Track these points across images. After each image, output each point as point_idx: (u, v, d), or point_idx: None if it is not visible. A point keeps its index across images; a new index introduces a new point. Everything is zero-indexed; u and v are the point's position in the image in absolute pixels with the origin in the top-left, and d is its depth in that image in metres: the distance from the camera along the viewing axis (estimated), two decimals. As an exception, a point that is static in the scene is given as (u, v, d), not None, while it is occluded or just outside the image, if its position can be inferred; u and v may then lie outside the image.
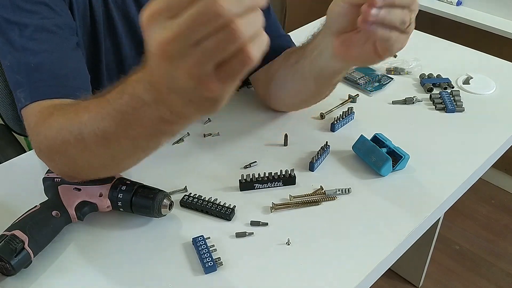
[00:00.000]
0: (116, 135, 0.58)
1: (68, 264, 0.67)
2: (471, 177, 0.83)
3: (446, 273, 1.75)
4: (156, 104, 0.51)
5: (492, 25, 1.76)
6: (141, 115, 0.53)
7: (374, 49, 0.67)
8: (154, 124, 0.54)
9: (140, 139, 0.58)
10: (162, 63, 0.44)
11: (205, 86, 0.44)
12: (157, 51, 0.43)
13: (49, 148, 0.66)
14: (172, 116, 0.52)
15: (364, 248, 0.69)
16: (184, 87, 0.45)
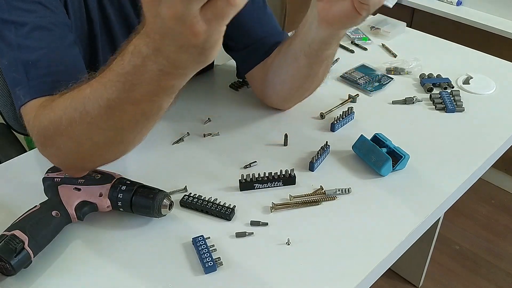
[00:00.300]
0: (119, 102, 0.59)
1: (68, 264, 0.67)
2: (471, 177, 0.83)
3: (446, 273, 1.75)
4: (154, 54, 0.53)
5: (492, 25, 1.76)
6: (142, 71, 0.55)
7: (352, 5, 0.70)
8: (155, 80, 0.55)
9: (143, 103, 0.59)
10: (151, 6, 0.47)
11: (190, 28, 0.46)
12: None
13: (54, 131, 0.66)
14: (169, 67, 0.53)
15: (364, 248, 0.69)
16: (172, 29, 0.47)
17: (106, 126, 0.63)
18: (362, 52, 1.18)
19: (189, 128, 0.91)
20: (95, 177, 0.72)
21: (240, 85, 1.04)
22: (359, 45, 1.20)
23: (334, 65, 1.11)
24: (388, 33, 1.23)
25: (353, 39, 1.21)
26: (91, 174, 0.72)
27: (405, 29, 1.27)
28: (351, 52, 1.17)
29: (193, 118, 0.95)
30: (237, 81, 1.05)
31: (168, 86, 0.57)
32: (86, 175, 0.72)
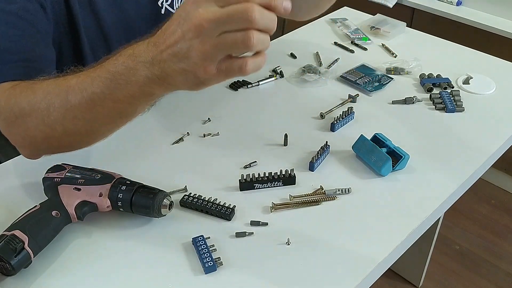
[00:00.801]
0: (102, 97, 0.64)
1: (68, 264, 0.67)
2: (471, 177, 0.83)
3: (446, 273, 1.75)
4: (151, 63, 0.59)
5: (492, 25, 1.76)
6: (132, 73, 0.60)
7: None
8: (140, 85, 0.61)
9: (122, 103, 0.64)
10: (190, 32, 0.54)
11: (205, 66, 0.55)
12: (196, 21, 0.53)
13: (29, 112, 0.69)
14: (160, 78, 0.59)
15: (364, 248, 0.69)
16: (189, 57, 0.55)
17: (82, 117, 0.67)
18: (362, 52, 1.18)
19: (189, 128, 0.91)
20: (95, 177, 0.72)
21: (240, 85, 1.04)
22: (359, 45, 1.20)
23: (334, 65, 1.11)
24: (388, 33, 1.23)
25: (353, 39, 1.21)
26: (91, 174, 0.72)
27: (405, 29, 1.27)
28: (351, 52, 1.17)
29: (193, 118, 0.94)
30: (237, 81, 1.05)
31: (150, 93, 0.62)
32: (86, 175, 0.72)
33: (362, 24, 1.28)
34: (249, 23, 0.52)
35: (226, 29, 0.53)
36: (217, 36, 0.53)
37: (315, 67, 1.08)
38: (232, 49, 0.54)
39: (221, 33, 0.53)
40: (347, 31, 1.24)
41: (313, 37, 1.24)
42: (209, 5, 0.53)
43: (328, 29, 1.28)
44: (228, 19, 0.52)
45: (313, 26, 1.29)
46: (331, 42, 1.21)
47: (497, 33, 1.75)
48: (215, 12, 0.52)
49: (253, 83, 1.04)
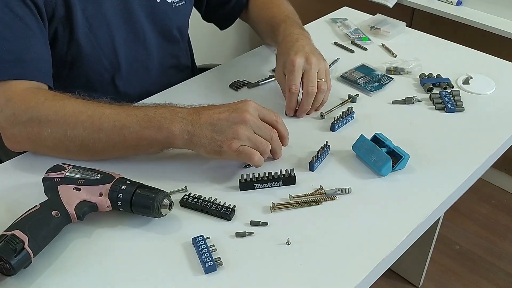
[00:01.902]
0: (131, 131, 0.76)
1: (68, 264, 0.67)
2: (471, 177, 0.83)
3: (446, 273, 1.75)
4: (189, 121, 0.76)
5: (492, 25, 1.76)
6: (168, 122, 0.76)
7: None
8: (169, 134, 0.76)
9: (145, 141, 0.77)
10: (235, 119, 0.75)
11: (231, 143, 0.74)
12: (244, 114, 0.76)
13: (54, 122, 0.77)
14: (189, 134, 0.76)
15: (364, 248, 0.69)
16: (225, 132, 0.75)
17: (105, 140, 0.77)
18: (362, 52, 1.18)
19: (189, 128, 0.91)
20: (95, 177, 0.72)
21: (240, 85, 1.04)
22: (359, 45, 1.20)
23: (334, 65, 1.11)
24: (388, 33, 1.23)
25: (353, 39, 1.21)
26: (91, 174, 0.72)
27: (405, 29, 1.27)
28: (351, 52, 1.17)
29: (193, 118, 0.94)
30: (237, 81, 1.05)
31: (172, 143, 0.77)
32: (86, 175, 0.72)
33: (362, 24, 1.28)
34: (270, 138, 0.78)
35: (257, 132, 0.76)
36: (251, 138, 0.75)
37: (315, 67, 1.08)
38: (255, 145, 0.76)
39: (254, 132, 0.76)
40: (347, 31, 1.24)
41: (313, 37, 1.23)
42: (247, 130, 0.75)
43: (328, 29, 1.28)
44: (260, 140, 0.77)
45: (313, 26, 1.29)
46: (331, 42, 1.21)
47: (497, 33, 1.75)
48: (251, 140, 0.76)
49: (253, 83, 1.04)
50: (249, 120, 0.75)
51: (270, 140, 0.78)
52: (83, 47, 0.92)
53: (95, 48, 0.94)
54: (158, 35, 1.04)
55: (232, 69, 1.11)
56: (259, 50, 1.19)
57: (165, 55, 1.08)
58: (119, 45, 0.97)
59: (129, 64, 1.01)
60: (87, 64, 0.94)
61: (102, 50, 0.95)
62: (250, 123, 0.75)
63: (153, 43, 1.04)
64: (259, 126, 0.77)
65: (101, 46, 0.94)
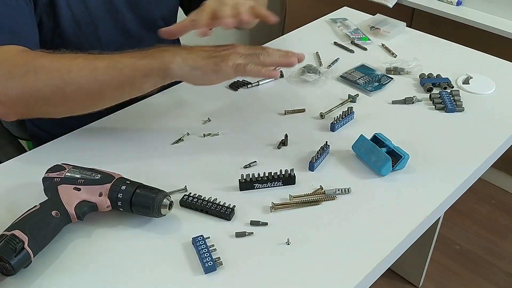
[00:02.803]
0: (126, 65, 0.77)
1: (68, 264, 0.67)
2: (471, 177, 0.83)
3: (446, 273, 1.75)
4: (182, 48, 0.79)
5: (492, 25, 1.76)
6: (161, 53, 0.77)
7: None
8: (164, 59, 0.77)
9: (141, 71, 0.77)
10: (222, 48, 0.78)
11: (228, 60, 0.76)
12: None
13: (49, 69, 0.77)
14: (183, 59, 0.77)
15: (364, 248, 0.69)
16: (220, 52, 0.77)
17: (101, 79, 0.77)
18: (362, 52, 1.18)
19: (189, 128, 0.91)
20: (95, 177, 0.72)
21: (240, 85, 1.04)
22: (359, 45, 1.20)
23: (334, 65, 1.11)
24: (388, 33, 1.23)
25: (353, 39, 1.21)
26: (91, 174, 0.72)
27: (405, 29, 1.27)
28: (351, 52, 1.17)
29: (193, 118, 0.95)
30: (237, 81, 1.05)
31: (167, 68, 0.76)
32: (86, 175, 0.72)
33: (362, 24, 1.28)
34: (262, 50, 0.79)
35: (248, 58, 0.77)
36: (245, 54, 0.77)
37: (315, 67, 1.08)
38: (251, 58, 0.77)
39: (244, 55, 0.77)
40: (347, 31, 1.24)
41: (313, 37, 1.24)
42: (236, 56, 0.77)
43: (328, 29, 1.28)
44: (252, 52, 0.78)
45: (313, 26, 1.29)
46: (331, 42, 1.21)
47: (497, 33, 1.75)
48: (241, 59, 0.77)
49: (253, 83, 1.04)
50: (238, 48, 0.78)
51: (263, 52, 0.78)
52: (67, 35, 0.93)
53: (79, 37, 0.95)
54: (142, 25, 1.05)
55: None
56: (259, 50, 1.19)
57: (151, 46, 1.08)
58: (103, 34, 0.98)
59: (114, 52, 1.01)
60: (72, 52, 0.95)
61: (86, 39, 0.96)
62: (238, 47, 0.78)
63: (137, 33, 1.05)
64: (248, 48, 0.79)
65: (85, 34, 0.95)
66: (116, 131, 0.90)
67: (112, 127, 0.93)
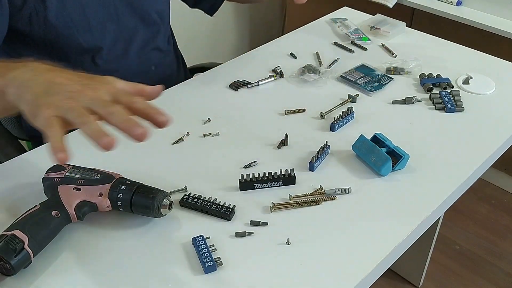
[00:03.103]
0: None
1: (68, 264, 0.67)
2: (471, 177, 0.83)
3: (446, 273, 1.75)
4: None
5: (492, 25, 1.76)
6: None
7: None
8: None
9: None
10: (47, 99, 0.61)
11: (45, 111, 0.59)
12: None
13: None
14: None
15: (364, 248, 0.69)
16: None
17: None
18: (362, 52, 1.18)
19: (189, 128, 0.91)
20: (95, 177, 0.72)
21: (240, 85, 1.04)
22: (359, 45, 1.20)
23: (334, 65, 1.11)
24: (388, 33, 1.23)
25: (353, 39, 1.21)
26: (91, 174, 0.72)
27: (405, 29, 1.27)
28: (351, 52, 1.17)
29: (193, 118, 0.95)
30: (237, 81, 1.05)
31: (5, 95, 0.65)
32: (86, 175, 0.72)
33: (362, 24, 1.28)
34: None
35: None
36: (75, 108, 0.59)
37: (315, 67, 1.08)
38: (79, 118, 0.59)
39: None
40: (347, 31, 1.24)
41: (313, 37, 1.24)
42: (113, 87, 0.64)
43: (328, 29, 1.28)
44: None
45: (313, 26, 1.29)
46: (331, 42, 1.21)
47: (497, 33, 1.75)
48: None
49: (253, 83, 1.04)
50: (89, 94, 0.60)
51: (105, 115, 0.60)
52: (58, 28, 0.93)
53: (71, 29, 0.95)
54: (136, 17, 1.05)
55: (232, 69, 1.11)
56: (259, 50, 1.19)
57: (144, 38, 1.09)
58: (95, 26, 0.98)
59: (108, 45, 1.02)
60: (65, 45, 0.96)
61: (78, 31, 0.96)
62: (88, 95, 0.60)
63: (131, 25, 1.05)
64: (97, 100, 0.60)
65: (77, 27, 0.95)
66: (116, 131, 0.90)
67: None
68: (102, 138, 0.58)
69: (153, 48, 1.12)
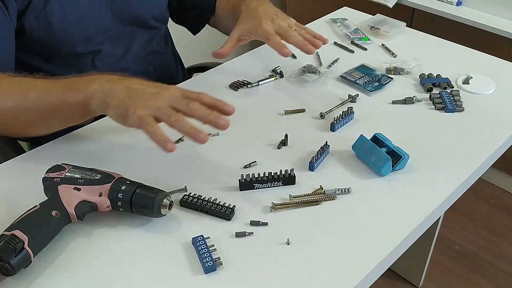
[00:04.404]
0: (54, 96, 0.76)
1: (68, 264, 0.67)
2: (471, 177, 0.83)
3: (446, 273, 1.75)
4: (107, 80, 0.75)
5: (492, 25, 1.76)
6: (87, 83, 0.75)
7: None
8: (87, 94, 0.74)
9: (67, 104, 0.76)
10: (153, 91, 0.73)
11: (139, 109, 0.70)
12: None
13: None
14: (104, 93, 0.73)
15: (364, 248, 0.69)
16: (137, 98, 0.72)
17: (31, 107, 0.77)
18: (362, 52, 1.18)
19: (189, 128, 0.91)
20: (95, 177, 0.72)
21: (240, 85, 1.04)
22: (358, 45, 1.20)
23: (334, 65, 1.11)
24: (388, 33, 1.23)
25: (353, 39, 1.21)
26: (91, 174, 0.72)
27: (405, 29, 1.27)
28: (351, 52, 1.17)
29: (193, 118, 0.94)
30: (237, 81, 1.05)
31: (89, 103, 0.74)
32: (86, 175, 0.72)
33: (362, 24, 1.28)
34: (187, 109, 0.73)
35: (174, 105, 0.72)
36: (162, 107, 0.71)
37: (315, 67, 1.08)
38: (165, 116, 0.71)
39: (166, 108, 0.71)
40: (347, 31, 1.24)
41: (313, 37, 1.24)
42: (176, 90, 0.74)
43: (328, 29, 1.28)
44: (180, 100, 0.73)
45: (313, 26, 1.29)
46: (331, 42, 1.21)
47: (497, 33, 1.75)
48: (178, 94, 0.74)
49: (253, 83, 1.04)
50: (166, 95, 0.73)
51: (189, 110, 0.72)
52: (58, 33, 0.94)
53: (71, 34, 0.96)
54: (134, 24, 1.07)
55: (232, 69, 1.11)
56: (259, 50, 1.19)
57: (142, 42, 1.10)
58: (94, 32, 0.99)
59: (106, 49, 1.03)
60: (64, 48, 0.97)
61: (78, 36, 0.97)
62: (166, 96, 0.72)
63: (129, 31, 1.06)
64: (177, 99, 0.73)
65: (76, 32, 0.97)
66: (116, 131, 0.90)
67: (112, 127, 0.92)
68: (198, 134, 0.71)
69: (151, 51, 1.13)
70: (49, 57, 0.98)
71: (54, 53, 0.97)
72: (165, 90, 0.73)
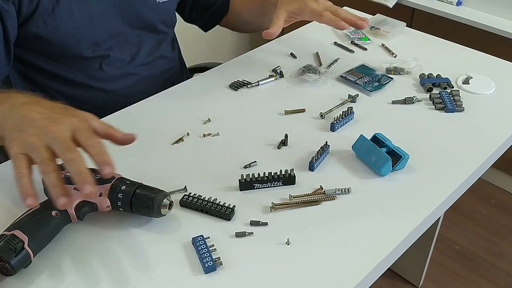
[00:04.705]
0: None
1: (68, 264, 0.67)
2: (471, 177, 0.83)
3: (446, 273, 1.75)
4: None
5: (492, 25, 1.76)
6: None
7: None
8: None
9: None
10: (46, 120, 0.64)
11: (13, 147, 0.64)
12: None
13: None
14: None
15: (364, 248, 0.69)
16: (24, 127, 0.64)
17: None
18: (362, 52, 1.18)
19: (189, 128, 0.91)
20: (95, 177, 0.71)
21: (240, 85, 1.04)
22: (359, 45, 1.20)
23: (333, 65, 1.11)
24: (388, 33, 1.23)
25: (353, 39, 1.21)
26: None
27: (405, 29, 1.27)
28: (351, 52, 1.17)
29: (193, 118, 0.95)
30: (237, 81, 1.05)
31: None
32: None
33: (362, 24, 1.28)
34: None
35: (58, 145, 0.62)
36: (39, 149, 0.63)
37: (315, 67, 1.08)
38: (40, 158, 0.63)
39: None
40: (347, 31, 1.24)
41: (313, 37, 1.24)
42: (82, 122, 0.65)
43: (328, 29, 1.28)
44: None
45: (313, 26, 1.29)
46: (331, 42, 1.21)
47: (497, 33, 1.75)
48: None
49: (253, 83, 1.04)
50: (53, 130, 0.62)
51: (86, 147, 0.64)
52: (66, 37, 0.94)
53: (78, 38, 0.96)
54: (142, 28, 1.07)
55: (232, 69, 1.11)
56: (259, 50, 1.19)
57: (151, 46, 1.11)
58: (103, 36, 0.99)
59: (114, 54, 1.03)
60: (72, 53, 0.97)
61: (86, 41, 0.97)
62: (52, 132, 0.62)
63: (137, 36, 1.06)
64: (77, 131, 0.63)
65: (84, 36, 0.97)
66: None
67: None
68: (58, 194, 0.61)
69: (159, 56, 1.13)
70: (57, 59, 0.98)
71: (62, 56, 0.97)
72: (54, 124, 0.62)
